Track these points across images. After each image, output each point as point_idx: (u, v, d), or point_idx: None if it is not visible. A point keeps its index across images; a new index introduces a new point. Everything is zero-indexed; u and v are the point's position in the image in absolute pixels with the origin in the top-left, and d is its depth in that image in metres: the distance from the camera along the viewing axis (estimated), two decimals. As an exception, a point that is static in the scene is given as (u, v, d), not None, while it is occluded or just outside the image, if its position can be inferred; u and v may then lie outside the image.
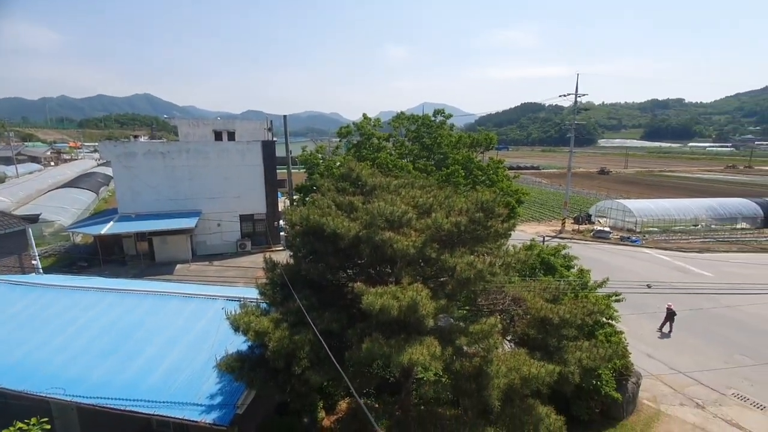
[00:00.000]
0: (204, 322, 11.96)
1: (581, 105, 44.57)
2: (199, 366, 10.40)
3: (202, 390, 9.76)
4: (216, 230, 27.05)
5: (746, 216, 42.38)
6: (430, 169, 22.54)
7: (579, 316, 9.38)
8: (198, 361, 10.58)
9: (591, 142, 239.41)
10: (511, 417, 8.54)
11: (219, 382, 9.98)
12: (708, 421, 13.28)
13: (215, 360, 8.92)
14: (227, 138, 30.44)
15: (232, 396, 9.63)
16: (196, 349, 10.96)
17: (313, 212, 8.68)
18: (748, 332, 19.25)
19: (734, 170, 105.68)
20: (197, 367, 10.41)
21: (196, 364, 10.50)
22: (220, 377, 9.91)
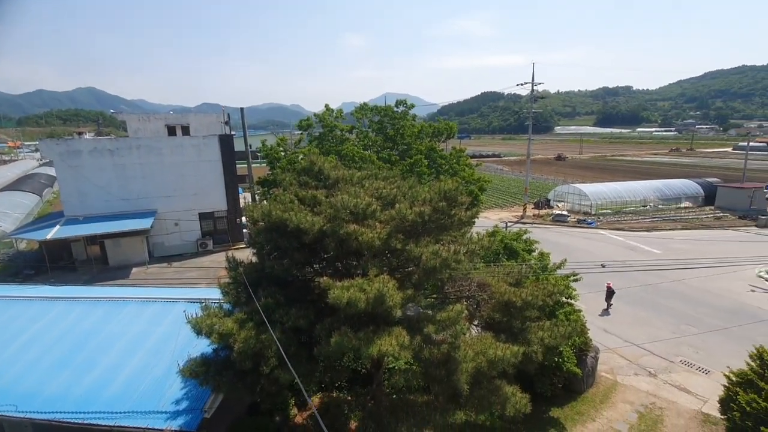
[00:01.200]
0: (164, 326, 11.47)
1: (538, 93, 45.93)
2: (162, 372, 10.00)
3: (167, 396, 9.40)
4: (174, 230, 25.89)
5: (689, 195, 45.52)
6: (394, 159, 22.56)
7: (540, 298, 9.77)
8: (160, 367, 10.16)
9: (548, 129, 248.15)
10: (479, 399, 8.82)
11: (184, 387, 9.64)
12: (659, 388, 14.28)
13: (178, 365, 8.60)
14: (181, 133, 29.01)
15: (199, 400, 9.33)
16: (158, 354, 10.52)
17: (275, 208, 8.46)
18: (693, 303, 20.80)
19: (678, 153, 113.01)
20: (159, 373, 10.00)
21: (158, 370, 10.08)
22: (185, 382, 9.57)
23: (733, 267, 23.59)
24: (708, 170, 67.26)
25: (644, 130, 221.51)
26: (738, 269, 23.81)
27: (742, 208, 40.64)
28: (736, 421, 9.67)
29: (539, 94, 48.07)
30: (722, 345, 16.63)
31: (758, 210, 39.76)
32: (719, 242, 30.78)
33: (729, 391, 10.38)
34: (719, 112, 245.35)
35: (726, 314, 19.48)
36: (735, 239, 31.85)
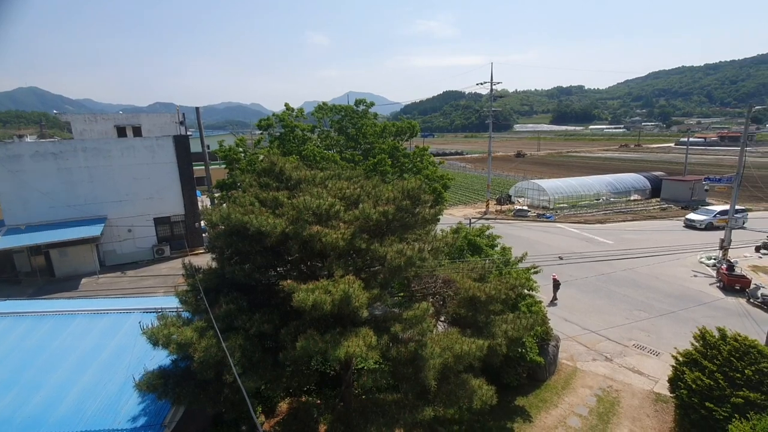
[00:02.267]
0: (118, 339, 10.83)
1: (497, 93, 47.28)
2: (117, 387, 9.43)
3: (123, 413, 8.87)
4: (127, 236, 24.52)
5: (638, 189, 48.43)
6: (357, 159, 22.45)
7: (503, 292, 10.03)
8: (115, 382, 9.58)
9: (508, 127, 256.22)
10: (447, 394, 8.93)
11: (142, 402, 9.14)
12: (615, 371, 15.09)
13: (134, 379, 8.15)
14: (132, 134, 27.50)
15: (158, 415, 8.87)
16: (111, 369, 9.91)
17: (234, 210, 8.17)
18: (643, 290, 22.14)
19: (627, 149, 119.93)
20: (114, 389, 9.43)
21: (113, 385, 9.50)
22: (142, 396, 9.08)
23: (677, 255, 25.32)
24: (654, 165, 71.87)
25: (596, 128, 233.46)
26: (682, 257, 25.60)
27: (684, 200, 43.73)
28: (684, 398, 10.36)
29: (498, 94, 49.48)
30: (670, 328, 17.80)
31: (698, 201, 42.93)
32: (665, 232, 32.95)
33: (676, 371, 11.11)
34: (662, 110, 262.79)
35: (673, 299, 20.88)
36: (678, 229, 34.22)
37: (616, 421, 12.53)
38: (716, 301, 20.59)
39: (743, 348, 10.08)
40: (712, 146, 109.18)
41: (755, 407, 9.20)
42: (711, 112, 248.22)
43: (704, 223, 33.49)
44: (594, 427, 12.28)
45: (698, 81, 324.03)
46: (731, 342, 10.30)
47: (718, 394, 9.73)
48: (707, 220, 33.56)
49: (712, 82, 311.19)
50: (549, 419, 12.62)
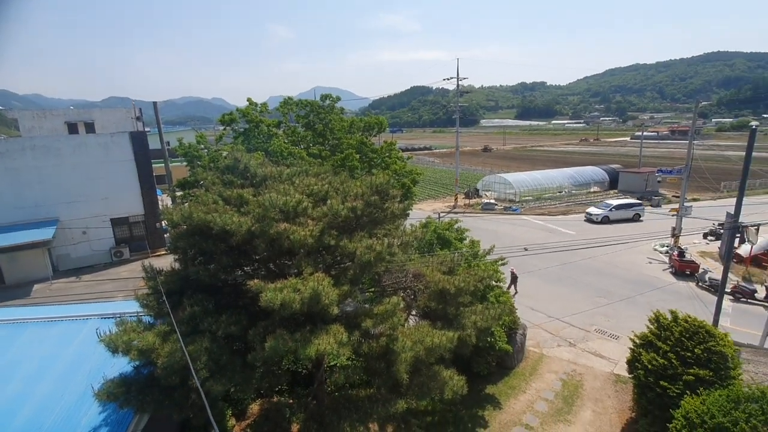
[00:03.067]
0: (74, 347, 10.25)
1: (464, 88, 47.98)
2: (75, 398, 8.94)
3: (82, 425, 8.43)
4: (82, 239, 23.17)
5: (597, 181, 50.62)
6: (325, 154, 22.19)
7: (472, 284, 10.22)
8: (72, 392, 9.08)
9: (474, 122, 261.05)
10: (419, 386, 9.03)
11: (103, 412, 8.72)
12: (578, 356, 15.77)
13: (93, 389, 7.74)
14: (85, 130, 25.98)
15: (120, 424, 8.49)
16: (68, 379, 9.38)
17: (196, 210, 7.87)
18: (603, 277, 23.22)
19: (587, 143, 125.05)
20: (72, 399, 8.93)
21: (70, 396, 9.00)
22: (103, 406, 8.65)
23: (634, 243, 26.69)
24: (612, 158, 75.23)
25: (558, 123, 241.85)
26: (638, 244, 27.01)
27: (639, 190, 46.10)
28: (641, 378, 10.96)
29: (465, 89, 50.23)
30: (628, 312, 18.78)
31: (652, 192, 45.39)
32: (622, 222, 34.66)
33: (634, 353, 11.72)
34: (619, 105, 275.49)
35: (630, 285, 22.03)
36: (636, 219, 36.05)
37: (580, 403, 13.12)
38: (669, 285, 21.89)
39: (693, 329, 10.75)
40: (664, 140, 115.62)
41: (704, 383, 9.85)
42: (663, 108, 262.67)
43: (600, 217, 34.71)
44: (559, 410, 12.80)
45: (651, 78, 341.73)
46: (682, 323, 10.97)
47: (671, 372, 10.34)
48: (603, 214, 34.79)
49: (664, 79, 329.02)
50: (518, 405, 13.05)
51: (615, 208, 35.17)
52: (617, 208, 35.16)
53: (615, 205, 35.68)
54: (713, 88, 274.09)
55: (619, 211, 35.10)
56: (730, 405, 8.58)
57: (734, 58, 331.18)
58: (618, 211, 35.06)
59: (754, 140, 14.07)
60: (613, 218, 34.58)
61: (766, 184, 47.90)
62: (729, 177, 48.63)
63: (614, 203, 36.08)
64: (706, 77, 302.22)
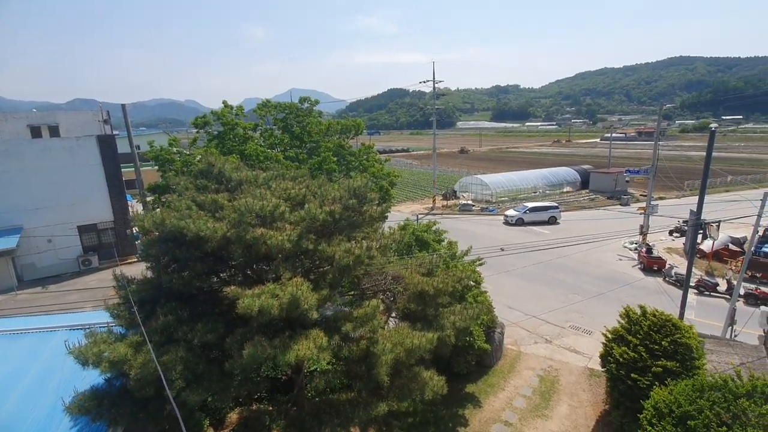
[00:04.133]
0: (42, 361, 9.81)
1: (440, 90, 48.55)
2: (44, 413, 8.57)
3: (52, 440, 8.08)
4: (47, 247, 22.17)
5: (569, 181, 52.12)
6: (302, 158, 22.01)
7: (451, 284, 10.35)
8: (41, 407, 8.70)
9: (451, 124, 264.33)
10: (400, 388, 9.08)
11: (74, 426, 8.39)
12: (554, 352, 16.18)
13: (63, 402, 7.44)
14: (49, 134, 24.90)
15: (92, 439, 8.19)
16: (37, 394, 8.99)
17: (169, 216, 7.68)
18: (577, 274, 23.92)
19: (559, 144, 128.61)
20: (41, 414, 8.56)
21: (39, 411, 8.62)
22: (74, 420, 8.33)
23: (605, 241, 27.59)
24: (583, 159, 77.61)
25: (531, 125, 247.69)
26: (608, 242, 27.94)
27: (609, 190, 47.75)
28: (613, 371, 11.34)
29: (441, 92, 50.83)
30: (601, 308, 19.40)
31: (621, 191, 47.08)
32: (594, 220, 35.75)
33: (606, 347, 12.12)
34: (589, 108, 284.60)
35: (602, 281, 22.77)
36: (605, 217, 37.24)
37: (557, 398, 13.46)
38: (638, 281, 22.75)
39: (660, 322, 11.21)
40: (631, 141, 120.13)
41: (672, 374, 10.29)
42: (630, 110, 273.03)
43: (514, 219, 35.58)
44: (537, 405, 13.10)
45: (618, 81, 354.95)
46: (650, 317, 11.42)
47: (641, 365, 10.75)
48: (517, 216, 35.74)
49: (630, 82, 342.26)
50: (497, 402, 13.27)
51: (529, 211, 35.96)
52: (531, 211, 35.95)
53: (529, 207, 36.52)
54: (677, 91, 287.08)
55: (533, 213, 35.85)
56: (696, 394, 8.99)
57: (695, 62, 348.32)
58: (532, 213, 35.82)
59: (714, 142, 14.80)
60: (528, 220, 35.16)
61: (726, 182, 50.47)
62: (692, 176, 50.98)
63: (529, 206, 36.98)
64: (670, 81, 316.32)
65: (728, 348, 13.08)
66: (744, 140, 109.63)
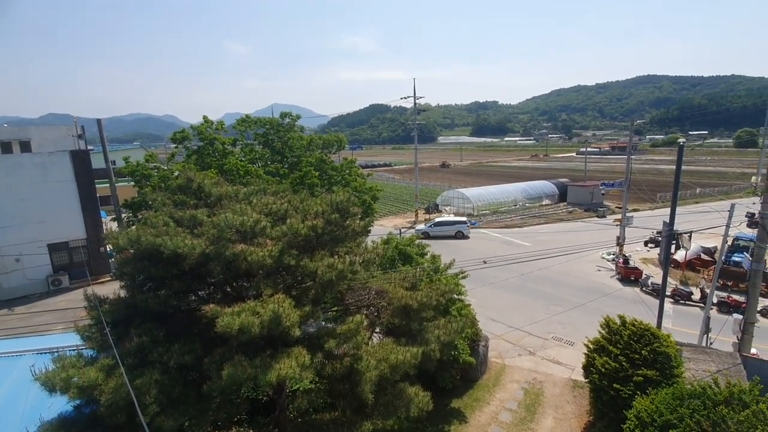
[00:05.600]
0: (5, 388, 9.28)
1: (421, 106, 49.39)
2: (6, 446, 8.05)
3: (13, 476, 7.56)
4: (15, 267, 21.15)
5: (548, 194, 53.30)
6: (283, 172, 21.84)
7: (434, 298, 10.31)
8: (4, 439, 8.17)
9: (432, 139, 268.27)
10: (385, 405, 8.89)
11: (38, 459, 7.87)
12: (538, 364, 16.23)
13: (26, 433, 7.01)
14: (20, 149, 24.07)
15: (58, 472, 7.68)
16: (2, 423, 8.46)
17: (145, 233, 7.45)
18: (558, 286, 24.24)
19: (537, 158, 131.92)
20: (2, 448, 8.03)
21: (1, 444, 8.09)
22: (39, 452, 7.82)
23: (583, 252, 28.16)
24: (560, 172, 79.71)
25: (510, 139, 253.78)
26: (587, 254, 28.52)
27: (585, 203, 48.99)
28: (596, 382, 11.43)
29: (422, 107, 51.71)
30: (582, 319, 19.65)
31: (597, 203, 48.36)
32: (572, 232, 36.54)
33: (588, 358, 12.23)
34: (564, 123, 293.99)
35: (582, 292, 23.13)
36: (583, 229, 38.11)
37: (542, 410, 13.44)
38: (616, 291, 23.21)
39: (639, 331, 11.42)
40: (606, 155, 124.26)
41: (652, 383, 10.44)
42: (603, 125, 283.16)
43: (420, 233, 35.11)
44: (523, 419, 13.04)
45: (592, 98, 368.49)
46: (630, 327, 11.62)
47: (623, 375, 10.88)
48: (423, 230, 36.30)
49: (603, 99, 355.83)
50: (483, 417, 13.15)
51: (434, 225, 36.97)
52: (437, 225, 36.96)
53: (435, 221, 37.66)
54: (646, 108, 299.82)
55: (440, 227, 36.80)
56: (676, 402, 9.12)
57: (662, 80, 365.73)
58: (438, 227, 36.74)
59: (682, 155, 15.43)
60: (434, 234, 35.56)
61: (696, 194, 52.55)
62: (663, 188, 52.88)
63: (436, 220, 38.11)
64: (639, 98, 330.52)
65: (705, 355, 13.38)
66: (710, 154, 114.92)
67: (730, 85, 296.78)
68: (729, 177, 68.33)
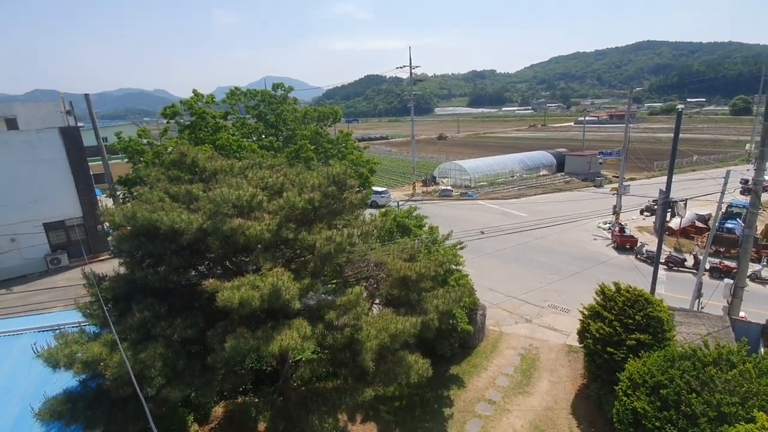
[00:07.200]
0: (6, 367, 9.38)
1: (417, 76, 48.28)
2: (11, 422, 8.21)
3: (23, 449, 7.77)
4: (11, 247, 21.09)
5: (546, 165, 53.07)
6: (278, 146, 21.52)
7: (433, 269, 10.40)
8: (8, 416, 8.32)
9: (429, 111, 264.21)
10: (386, 373, 9.11)
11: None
12: (534, 331, 16.62)
13: (33, 409, 7.13)
14: (6, 126, 23.50)
15: (69, 443, 7.92)
16: (2, 402, 8.59)
17: (141, 208, 7.37)
18: (554, 255, 24.51)
19: (535, 128, 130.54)
20: (7, 424, 8.19)
21: (6, 421, 8.25)
22: (46, 426, 8.01)
23: (580, 221, 28.34)
24: (558, 142, 79.13)
25: (508, 109, 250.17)
26: (583, 223, 28.71)
27: (583, 172, 48.89)
28: (590, 346, 11.74)
29: (418, 77, 50.57)
30: (577, 286, 19.99)
31: (595, 173, 48.28)
32: (569, 202, 36.65)
33: (583, 324, 12.52)
34: (563, 92, 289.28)
35: (578, 260, 23.43)
36: (580, 198, 38.24)
37: (537, 375, 13.87)
38: (612, 259, 23.52)
39: (633, 297, 11.63)
40: (604, 124, 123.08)
41: (645, 346, 10.73)
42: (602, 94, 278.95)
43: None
44: (519, 383, 13.47)
45: (590, 65, 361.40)
46: (624, 293, 11.83)
47: (616, 339, 11.16)
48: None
49: (602, 66, 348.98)
50: (480, 382, 13.57)
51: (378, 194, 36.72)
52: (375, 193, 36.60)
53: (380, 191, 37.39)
54: (645, 75, 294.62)
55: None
56: (667, 364, 9.41)
57: (661, 47, 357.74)
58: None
59: (681, 122, 15.24)
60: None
61: (692, 162, 52.47)
62: (661, 157, 52.74)
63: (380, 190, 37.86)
64: (639, 65, 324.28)
65: (696, 319, 13.71)
66: (707, 122, 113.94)
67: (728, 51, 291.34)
68: (725, 144, 68.09)
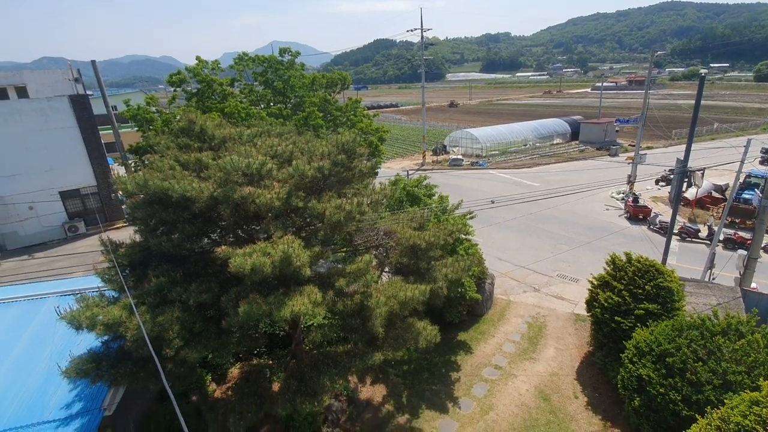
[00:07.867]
0: (33, 328, 9.85)
1: (428, 40, 46.55)
2: (41, 379, 8.71)
3: (53, 403, 8.28)
4: (29, 215, 21.60)
5: (560, 133, 51.77)
6: (286, 114, 21.23)
7: (442, 238, 10.42)
8: (37, 374, 8.83)
9: (440, 77, 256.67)
10: (395, 338, 9.36)
11: (74, 389, 8.59)
12: (542, 300, 16.77)
13: (59, 368, 7.53)
14: (16, 95, 23.50)
15: (95, 399, 8.41)
16: (31, 361, 9.09)
17: (152, 177, 7.41)
18: (564, 225, 24.33)
19: (550, 95, 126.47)
20: (38, 381, 8.70)
21: (35, 378, 8.76)
22: (74, 383, 8.50)
23: (592, 191, 27.91)
24: (573, 109, 76.72)
25: (522, 75, 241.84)
26: (596, 192, 28.28)
27: (598, 141, 47.66)
28: (598, 315, 11.84)
29: (429, 41, 48.76)
30: (587, 257, 19.94)
31: (610, 141, 47.03)
32: (582, 171, 35.98)
33: (592, 293, 12.57)
34: (581, 56, 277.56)
35: (589, 231, 23.25)
36: (594, 168, 37.49)
37: (544, 342, 14.11)
38: (624, 229, 23.29)
39: (644, 268, 11.58)
40: (622, 90, 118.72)
41: (653, 316, 10.78)
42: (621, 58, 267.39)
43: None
44: (525, 349, 13.74)
45: (611, 27, 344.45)
46: (635, 263, 11.78)
47: (624, 308, 11.22)
48: None
49: (623, 28, 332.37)
50: (487, 348, 13.88)
51: None
52: None
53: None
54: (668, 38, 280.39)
55: None
56: (675, 333, 9.46)
57: (686, 7, 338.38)
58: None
59: (703, 87, 14.59)
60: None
61: (712, 130, 50.64)
62: (680, 125, 50.96)
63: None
64: (662, 26, 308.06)
65: (707, 290, 13.67)
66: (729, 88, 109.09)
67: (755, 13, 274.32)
68: (747, 112, 65.31)
